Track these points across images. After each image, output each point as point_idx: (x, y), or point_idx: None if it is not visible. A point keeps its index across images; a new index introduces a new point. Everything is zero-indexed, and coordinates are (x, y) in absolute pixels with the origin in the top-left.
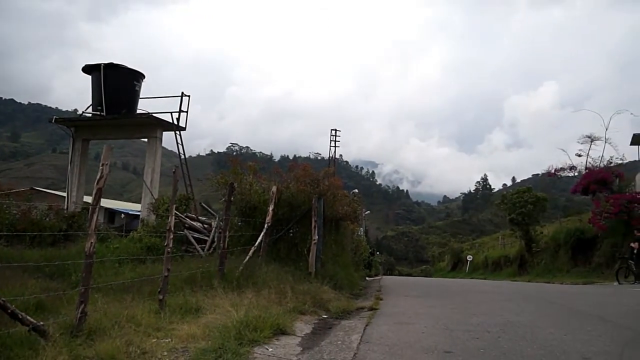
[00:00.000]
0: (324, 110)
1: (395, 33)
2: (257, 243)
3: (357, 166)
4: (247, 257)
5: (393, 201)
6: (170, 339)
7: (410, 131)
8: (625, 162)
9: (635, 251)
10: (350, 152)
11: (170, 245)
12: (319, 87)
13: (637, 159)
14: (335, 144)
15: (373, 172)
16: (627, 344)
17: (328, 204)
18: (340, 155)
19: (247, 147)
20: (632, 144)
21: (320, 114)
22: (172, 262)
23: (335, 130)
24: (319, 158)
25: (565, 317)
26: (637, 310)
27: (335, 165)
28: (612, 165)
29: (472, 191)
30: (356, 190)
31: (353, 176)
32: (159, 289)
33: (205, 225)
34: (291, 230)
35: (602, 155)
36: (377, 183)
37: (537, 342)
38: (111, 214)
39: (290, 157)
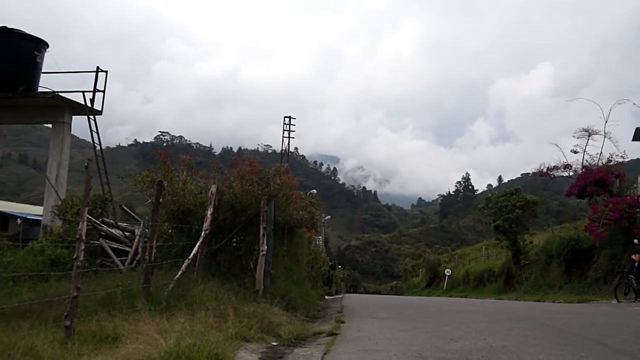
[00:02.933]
0: (275, 95)
1: (362, 2)
2: (192, 255)
3: (315, 162)
4: (180, 272)
5: (358, 204)
6: None
7: (379, 121)
8: (626, 160)
9: (636, 264)
10: (308, 144)
11: (81, 258)
12: (269, 67)
13: None
14: (289, 134)
15: (335, 168)
16: None
17: (280, 208)
18: (296, 148)
19: (181, 137)
20: (634, 139)
21: (271, 99)
22: (84, 279)
23: (290, 118)
24: (270, 151)
25: (557, 341)
26: (638, 332)
27: (289, 160)
28: (611, 163)
29: (451, 193)
30: (314, 191)
31: (311, 174)
32: (66, 313)
33: (127, 233)
34: (234, 240)
35: (601, 152)
36: (340, 182)
37: None
38: (4, 218)
39: (234, 150)
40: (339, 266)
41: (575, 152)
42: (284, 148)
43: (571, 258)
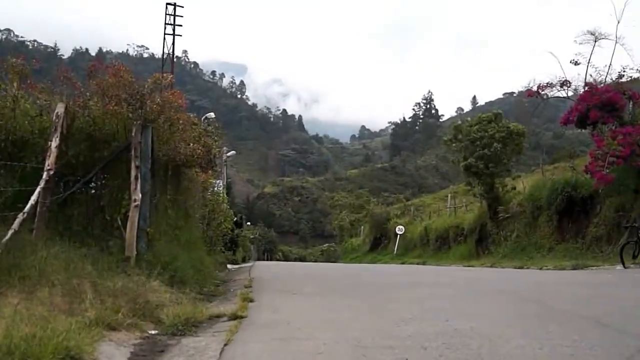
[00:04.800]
0: None
1: None
2: (28, 206)
3: (213, 72)
4: (10, 233)
5: (276, 134)
6: None
7: (305, 16)
8: None
9: None
10: (202, 47)
11: None
12: None
13: None
14: (174, 31)
15: (242, 82)
16: (631, 358)
17: (161, 139)
18: (185, 52)
19: (9, 30)
20: None
21: None
22: None
23: (175, 5)
24: (146, 55)
25: (543, 322)
26: None
27: (173, 68)
28: (623, 80)
29: (407, 120)
30: (212, 115)
31: (207, 89)
32: None
33: None
34: (93, 184)
35: (610, 64)
36: (250, 103)
37: None
38: None
39: (92, 53)
40: (248, 223)
41: (577, 63)
42: (166, 51)
43: (566, 209)
